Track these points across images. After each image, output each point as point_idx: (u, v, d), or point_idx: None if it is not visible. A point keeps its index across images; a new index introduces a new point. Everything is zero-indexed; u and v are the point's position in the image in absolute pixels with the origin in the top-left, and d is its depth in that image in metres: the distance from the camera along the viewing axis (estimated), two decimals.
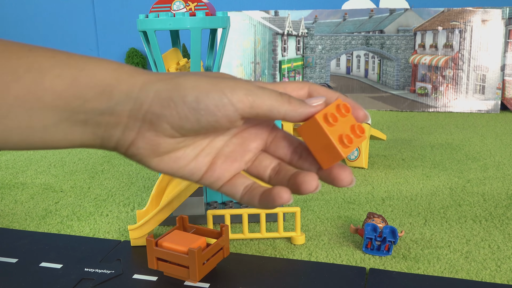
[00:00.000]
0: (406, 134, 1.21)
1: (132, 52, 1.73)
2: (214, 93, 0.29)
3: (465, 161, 0.97)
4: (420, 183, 0.86)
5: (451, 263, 0.58)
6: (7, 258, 0.61)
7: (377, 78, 1.55)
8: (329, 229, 0.68)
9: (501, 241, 0.64)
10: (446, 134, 1.20)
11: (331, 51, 1.56)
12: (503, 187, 0.83)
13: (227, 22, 0.66)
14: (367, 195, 0.81)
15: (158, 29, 0.63)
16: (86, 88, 0.29)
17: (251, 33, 1.58)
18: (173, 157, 0.31)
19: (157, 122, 0.29)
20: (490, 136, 1.17)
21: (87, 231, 0.69)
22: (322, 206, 0.77)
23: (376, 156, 1.02)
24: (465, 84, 1.48)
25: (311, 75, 1.58)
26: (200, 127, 0.30)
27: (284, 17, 1.56)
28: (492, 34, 1.44)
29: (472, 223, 0.69)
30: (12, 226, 0.72)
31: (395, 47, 1.52)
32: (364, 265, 0.58)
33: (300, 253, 0.62)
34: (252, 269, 0.57)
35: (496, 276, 0.56)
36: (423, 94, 1.51)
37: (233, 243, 0.64)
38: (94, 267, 0.58)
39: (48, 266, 0.59)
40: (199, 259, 0.52)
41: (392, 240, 0.60)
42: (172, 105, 0.29)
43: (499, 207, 0.75)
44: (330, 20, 1.54)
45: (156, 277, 0.56)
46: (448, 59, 1.48)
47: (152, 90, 0.29)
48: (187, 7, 0.64)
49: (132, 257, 0.60)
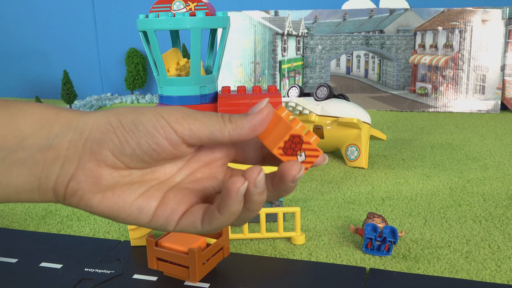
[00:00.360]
0: (406, 134, 1.21)
1: (132, 52, 1.73)
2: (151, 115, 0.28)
3: (465, 161, 0.98)
4: (420, 183, 0.86)
5: (451, 263, 0.58)
6: (7, 258, 0.61)
7: (377, 78, 1.55)
8: (329, 229, 0.68)
9: (501, 241, 0.64)
10: (446, 134, 1.20)
11: (331, 51, 1.56)
12: (503, 187, 0.83)
13: (227, 22, 0.66)
14: (367, 195, 0.81)
15: (158, 29, 0.63)
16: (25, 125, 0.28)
17: (251, 33, 1.58)
18: (118, 192, 0.29)
19: (98, 150, 0.28)
20: (490, 136, 1.17)
21: (87, 231, 0.69)
22: (322, 206, 0.77)
23: (376, 156, 1.02)
24: (465, 84, 1.48)
25: (311, 75, 1.58)
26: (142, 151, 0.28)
27: (284, 17, 1.56)
28: (492, 34, 1.44)
29: (472, 223, 0.69)
30: (12, 226, 0.72)
31: (395, 47, 1.52)
32: (364, 265, 0.58)
33: (300, 253, 0.62)
34: (252, 269, 0.57)
35: (496, 276, 0.56)
36: (423, 94, 1.51)
37: (233, 243, 0.64)
38: (94, 267, 0.58)
39: (48, 266, 0.59)
40: (199, 259, 0.52)
41: (392, 240, 0.60)
42: (111, 129, 0.28)
43: (499, 207, 0.75)
44: (330, 20, 1.54)
45: (156, 277, 0.56)
46: (448, 59, 1.48)
47: (91, 118, 0.29)
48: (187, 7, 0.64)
49: (132, 257, 0.60)
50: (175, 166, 0.31)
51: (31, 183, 0.28)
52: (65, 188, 0.29)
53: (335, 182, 0.87)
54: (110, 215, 0.29)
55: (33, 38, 1.88)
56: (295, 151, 0.29)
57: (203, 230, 0.29)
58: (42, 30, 1.86)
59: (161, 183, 0.31)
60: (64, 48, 1.87)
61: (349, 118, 0.93)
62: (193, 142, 0.29)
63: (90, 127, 0.29)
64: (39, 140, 0.28)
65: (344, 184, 0.86)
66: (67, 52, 1.87)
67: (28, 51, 1.91)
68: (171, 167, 0.31)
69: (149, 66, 1.78)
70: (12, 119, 0.28)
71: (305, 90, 1.57)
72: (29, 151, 0.28)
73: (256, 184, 0.27)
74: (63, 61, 1.88)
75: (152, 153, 0.29)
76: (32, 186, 0.29)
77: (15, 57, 1.93)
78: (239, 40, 1.59)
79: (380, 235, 0.60)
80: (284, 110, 0.30)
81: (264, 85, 1.59)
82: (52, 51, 1.88)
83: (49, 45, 1.88)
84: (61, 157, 0.28)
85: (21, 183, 0.28)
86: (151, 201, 0.29)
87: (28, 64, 1.92)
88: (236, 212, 0.28)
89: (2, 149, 0.27)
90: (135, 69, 1.73)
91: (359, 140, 0.95)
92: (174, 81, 0.66)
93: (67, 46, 1.86)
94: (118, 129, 0.28)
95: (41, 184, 0.29)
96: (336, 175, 0.91)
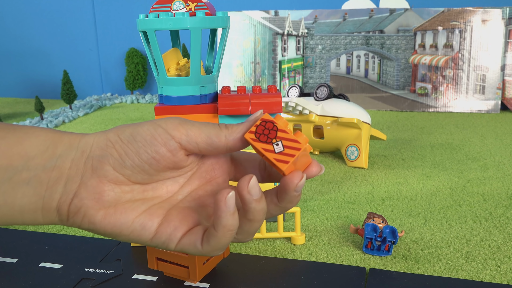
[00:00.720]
0: (406, 134, 1.21)
1: (132, 52, 1.73)
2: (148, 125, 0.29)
3: (465, 161, 0.97)
4: (420, 183, 0.86)
5: (451, 263, 0.58)
6: (7, 258, 0.61)
7: (377, 78, 1.55)
8: (329, 229, 0.68)
9: (501, 241, 0.64)
10: (446, 134, 1.20)
11: (331, 51, 1.56)
12: (503, 187, 0.83)
13: (227, 22, 0.66)
14: (367, 195, 0.81)
15: (158, 29, 0.63)
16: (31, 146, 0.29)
17: (251, 33, 1.58)
18: (120, 209, 0.29)
19: (99, 166, 0.29)
20: (490, 136, 1.17)
21: (87, 231, 0.69)
22: (322, 206, 0.77)
23: (376, 156, 1.02)
24: (465, 84, 1.48)
25: (311, 75, 1.58)
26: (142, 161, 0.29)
27: (284, 17, 1.56)
28: (492, 34, 1.44)
29: (472, 223, 0.69)
30: (12, 226, 0.72)
31: (395, 47, 1.52)
32: (364, 265, 0.58)
33: (300, 253, 0.62)
34: (252, 269, 0.57)
35: (496, 276, 0.56)
36: (423, 94, 1.51)
37: (233, 243, 0.64)
38: (94, 267, 0.58)
39: (48, 266, 0.59)
40: (199, 259, 0.52)
41: (392, 240, 0.60)
42: (110, 144, 0.29)
43: (499, 207, 0.75)
44: (330, 20, 1.54)
45: (156, 277, 0.56)
46: (448, 59, 1.48)
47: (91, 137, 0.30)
48: (187, 7, 0.64)
49: (132, 257, 0.60)
50: (176, 183, 0.32)
51: (35, 203, 0.29)
52: (68, 206, 0.29)
53: (335, 182, 0.87)
54: (113, 232, 0.29)
55: (33, 38, 1.88)
56: (270, 138, 0.28)
57: (203, 250, 0.29)
58: (42, 30, 1.86)
59: (163, 201, 0.31)
60: (64, 48, 1.87)
61: (349, 118, 0.93)
62: (191, 148, 0.29)
63: (90, 146, 0.30)
64: (44, 160, 0.29)
65: (344, 184, 0.86)
66: (67, 52, 1.87)
67: (28, 51, 1.91)
68: (172, 184, 0.31)
69: (149, 66, 1.78)
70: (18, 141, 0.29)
71: (305, 90, 1.57)
72: (34, 171, 0.29)
73: (250, 190, 0.27)
74: (63, 61, 1.88)
75: (152, 162, 0.29)
76: (36, 206, 0.29)
77: (15, 57, 1.93)
78: (239, 40, 1.59)
79: (380, 235, 0.60)
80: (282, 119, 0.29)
81: (264, 85, 1.59)
82: (52, 51, 1.88)
83: (49, 45, 1.88)
84: (64, 176, 0.29)
85: (25, 203, 0.29)
86: (153, 218, 0.30)
87: (28, 63, 1.92)
88: (230, 226, 0.27)
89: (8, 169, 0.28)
90: (135, 69, 1.73)
91: (359, 140, 0.95)
92: (174, 81, 0.66)
93: (67, 46, 1.86)
94: (117, 143, 0.29)
95: (45, 203, 0.29)
96: (336, 175, 0.91)
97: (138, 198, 0.30)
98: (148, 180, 0.30)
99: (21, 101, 1.87)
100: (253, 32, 1.58)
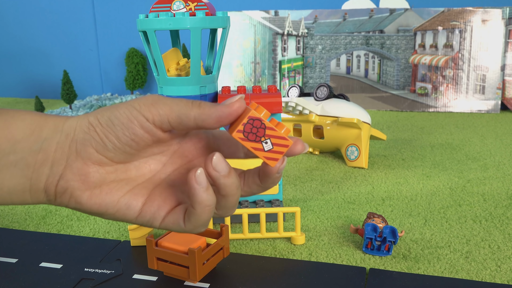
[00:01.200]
0: (406, 134, 1.21)
1: (132, 52, 1.73)
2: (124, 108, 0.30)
3: (465, 161, 0.97)
4: (420, 183, 0.86)
5: (451, 263, 0.58)
6: (7, 258, 0.61)
7: (377, 78, 1.55)
8: (329, 229, 0.68)
9: (501, 241, 0.64)
10: (446, 134, 1.20)
11: (331, 51, 1.56)
12: (503, 187, 0.83)
13: (227, 22, 0.66)
14: (367, 195, 0.81)
15: (158, 29, 0.63)
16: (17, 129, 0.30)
17: (251, 33, 1.58)
18: (105, 189, 0.31)
19: (83, 149, 0.30)
20: (490, 136, 1.17)
21: (87, 231, 0.69)
22: (322, 206, 0.77)
23: (376, 156, 1.02)
24: (465, 84, 1.48)
25: (311, 75, 1.58)
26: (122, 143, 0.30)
27: (284, 17, 1.56)
28: (492, 34, 1.44)
29: (472, 223, 0.69)
30: (12, 226, 0.72)
31: (395, 47, 1.52)
32: (364, 265, 0.58)
33: (300, 253, 0.62)
34: (252, 269, 0.57)
35: (496, 276, 0.56)
36: (423, 94, 1.51)
37: (233, 243, 0.64)
38: (94, 267, 0.58)
39: (48, 266, 0.59)
40: (199, 259, 0.52)
41: (392, 240, 0.60)
42: (91, 128, 0.30)
43: (499, 207, 0.75)
44: (330, 20, 1.54)
45: (156, 277, 0.56)
46: (448, 59, 1.48)
47: (75, 121, 0.31)
48: (187, 7, 0.64)
49: (132, 257, 0.60)
50: (159, 162, 0.32)
51: (23, 184, 0.30)
52: (55, 187, 0.30)
53: (335, 182, 0.87)
54: (99, 212, 0.31)
55: (33, 38, 1.88)
56: (259, 137, 0.29)
57: (186, 228, 0.30)
58: (42, 30, 1.86)
59: (147, 180, 0.32)
60: (64, 48, 1.87)
61: (349, 118, 0.93)
62: (165, 127, 0.30)
63: (74, 129, 0.30)
64: (30, 143, 0.30)
65: (344, 184, 0.86)
66: (67, 52, 1.87)
67: (28, 51, 1.91)
68: (155, 163, 0.32)
69: (149, 66, 1.78)
70: (5, 125, 0.30)
71: (305, 90, 1.57)
72: (20, 154, 0.30)
73: (215, 167, 0.28)
74: (63, 61, 1.88)
75: (132, 143, 0.30)
76: (23, 187, 0.30)
77: (15, 57, 1.93)
78: (239, 40, 1.59)
79: (380, 235, 0.60)
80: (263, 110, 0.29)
81: (264, 85, 1.59)
82: (52, 51, 1.88)
83: (49, 45, 1.88)
84: (50, 158, 0.30)
85: (13, 184, 0.30)
86: (138, 198, 0.31)
87: (28, 63, 1.92)
88: (206, 201, 0.29)
89: None
90: (135, 69, 1.73)
91: (359, 140, 0.95)
92: (174, 81, 0.66)
93: (67, 46, 1.86)
94: (97, 127, 0.30)
95: (32, 185, 0.30)
96: (336, 175, 0.91)
97: (122, 178, 0.31)
98: (131, 158, 0.31)
99: (21, 101, 1.87)
100: (253, 32, 1.58)
